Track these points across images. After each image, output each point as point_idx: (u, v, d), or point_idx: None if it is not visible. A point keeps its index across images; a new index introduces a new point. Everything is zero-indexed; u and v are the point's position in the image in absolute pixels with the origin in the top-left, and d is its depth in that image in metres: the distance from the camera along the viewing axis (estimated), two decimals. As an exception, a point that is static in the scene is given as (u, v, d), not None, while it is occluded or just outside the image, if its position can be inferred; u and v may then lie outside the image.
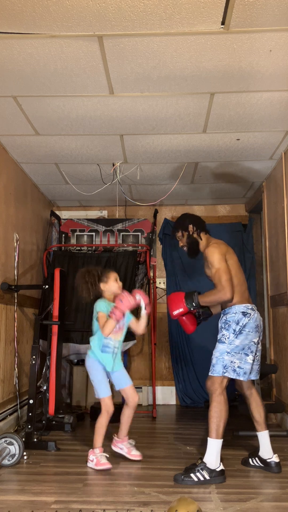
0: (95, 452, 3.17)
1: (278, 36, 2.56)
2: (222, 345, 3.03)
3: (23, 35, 2.54)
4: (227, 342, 3.02)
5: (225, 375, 2.98)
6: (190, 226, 3.27)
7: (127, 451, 3.36)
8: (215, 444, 2.92)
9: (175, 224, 3.36)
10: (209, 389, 3.01)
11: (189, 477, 2.84)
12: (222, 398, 2.97)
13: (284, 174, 4.17)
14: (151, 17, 2.39)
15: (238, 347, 3.01)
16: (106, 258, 5.17)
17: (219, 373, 2.98)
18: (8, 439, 3.19)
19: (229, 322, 3.05)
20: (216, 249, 3.10)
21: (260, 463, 3.13)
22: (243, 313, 3.04)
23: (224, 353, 3.00)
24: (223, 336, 3.05)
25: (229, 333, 3.03)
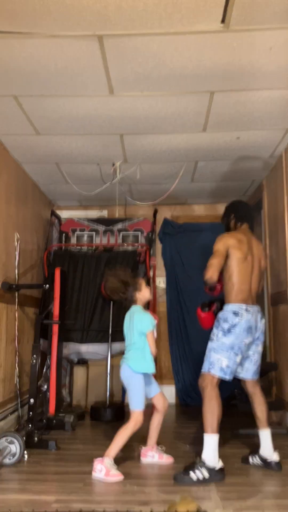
0: (105, 461, 2.94)
1: (278, 34, 2.56)
2: (210, 343, 3.08)
3: (24, 35, 2.54)
4: (214, 340, 3.06)
5: (211, 372, 2.99)
6: (232, 215, 3.42)
7: (159, 457, 3.27)
8: (211, 439, 2.91)
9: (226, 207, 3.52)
10: (200, 385, 3.05)
11: (188, 476, 2.84)
12: (213, 393, 2.98)
13: (284, 172, 4.17)
14: (151, 17, 2.39)
15: (226, 345, 3.00)
16: (106, 258, 5.18)
17: (205, 370, 3.04)
18: (9, 438, 3.19)
19: (219, 320, 3.10)
20: (220, 239, 3.19)
21: (260, 461, 3.13)
22: (234, 313, 3.04)
23: (211, 350, 3.04)
24: (212, 334, 3.10)
25: (218, 330, 3.06)
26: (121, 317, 4.47)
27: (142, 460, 3.27)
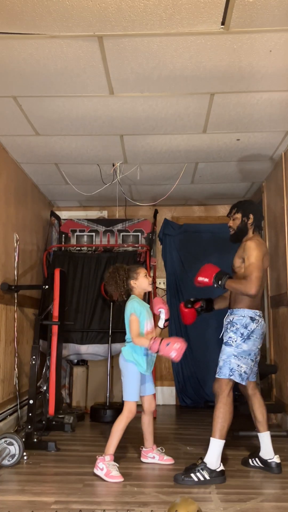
0: (105, 460, 2.97)
1: (278, 36, 2.56)
2: (229, 348, 3.01)
3: (23, 35, 2.54)
4: (234, 345, 3.00)
5: (231, 378, 2.97)
6: (251, 216, 3.19)
7: (159, 458, 3.27)
8: (218, 445, 2.91)
9: (240, 204, 3.27)
10: (216, 391, 3.01)
11: (189, 477, 2.84)
12: (229, 400, 2.96)
13: (284, 175, 4.17)
14: (151, 17, 2.39)
15: (245, 351, 3.00)
16: (106, 259, 5.18)
17: (225, 376, 2.98)
18: (8, 439, 3.19)
19: (236, 325, 3.03)
20: (258, 245, 3.04)
21: (261, 463, 3.12)
22: (251, 318, 3.03)
23: (231, 356, 2.99)
24: (230, 339, 3.03)
25: (237, 336, 3.01)
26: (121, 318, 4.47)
27: (142, 461, 3.28)
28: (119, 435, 3.07)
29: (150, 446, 3.32)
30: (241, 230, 3.21)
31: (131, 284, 3.23)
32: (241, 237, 3.22)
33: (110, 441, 3.06)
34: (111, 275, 3.25)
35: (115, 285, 3.21)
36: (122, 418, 3.09)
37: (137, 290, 3.25)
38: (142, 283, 3.24)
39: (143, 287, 3.26)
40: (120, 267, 3.28)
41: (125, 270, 3.25)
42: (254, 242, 3.06)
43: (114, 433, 3.07)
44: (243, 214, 3.20)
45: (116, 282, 3.21)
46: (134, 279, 3.23)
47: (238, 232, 3.22)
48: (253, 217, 3.19)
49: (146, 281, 3.25)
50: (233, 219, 3.26)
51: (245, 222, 3.20)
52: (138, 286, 3.24)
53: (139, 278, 3.23)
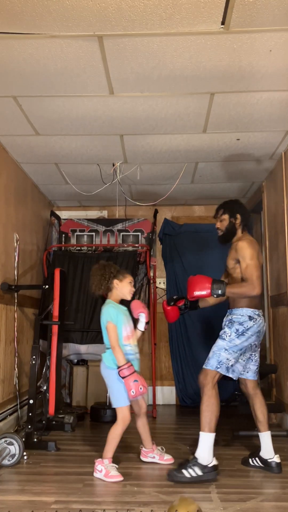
0: (104, 462, 2.98)
1: (278, 36, 2.56)
2: (222, 342, 3.03)
3: (23, 35, 2.54)
4: (227, 339, 3.02)
5: (218, 370, 2.98)
6: (238, 216, 3.19)
7: (159, 457, 3.27)
8: (208, 438, 2.90)
9: (226, 204, 3.26)
10: (201, 382, 3.01)
11: (181, 473, 2.84)
12: (213, 392, 2.96)
13: (284, 174, 4.17)
14: (151, 17, 2.39)
15: (237, 346, 3.01)
16: (106, 258, 5.17)
17: (212, 367, 2.99)
18: (8, 439, 3.19)
19: (234, 322, 3.06)
20: (251, 244, 3.05)
21: (261, 463, 3.12)
22: (250, 317, 3.04)
23: (222, 349, 3.01)
24: (224, 333, 3.06)
25: (231, 331, 3.03)
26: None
27: (142, 460, 3.28)
28: (116, 441, 3.07)
29: (150, 447, 3.31)
30: (230, 231, 3.20)
31: (114, 284, 3.21)
32: (230, 238, 3.22)
33: (108, 447, 3.05)
34: (100, 266, 3.24)
35: (100, 277, 3.19)
36: (117, 426, 3.08)
37: (115, 292, 3.22)
38: (124, 287, 3.22)
39: (124, 292, 3.23)
40: (112, 265, 3.29)
41: (115, 268, 3.25)
42: (246, 242, 3.06)
43: (110, 440, 3.06)
44: (230, 214, 3.20)
45: (102, 275, 3.19)
46: (119, 280, 3.22)
47: (226, 233, 3.21)
48: (240, 217, 3.19)
49: (128, 287, 3.23)
50: (220, 220, 3.24)
51: (232, 222, 3.19)
52: (120, 288, 3.22)
53: (124, 281, 3.22)
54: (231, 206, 3.25)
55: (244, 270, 3.01)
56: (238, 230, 3.21)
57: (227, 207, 3.25)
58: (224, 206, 3.27)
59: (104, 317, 3.14)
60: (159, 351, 5.66)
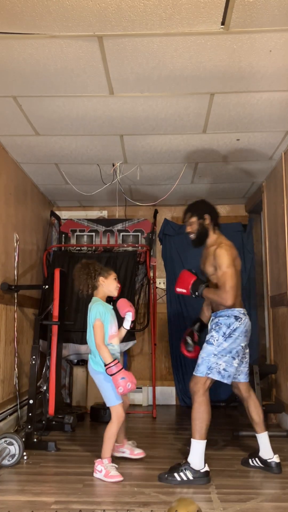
0: (104, 462, 3.00)
1: (278, 36, 2.56)
2: (210, 347, 3.00)
3: (23, 35, 2.54)
4: (215, 344, 2.99)
5: (209, 376, 2.96)
6: (207, 216, 3.15)
7: (130, 452, 3.31)
8: (199, 446, 2.90)
9: (192, 206, 3.22)
10: (192, 389, 2.99)
11: (172, 477, 2.84)
12: (204, 399, 2.94)
13: (284, 174, 4.17)
14: (151, 17, 2.39)
15: (225, 349, 2.99)
16: (106, 258, 5.17)
17: (202, 374, 2.97)
18: (8, 439, 3.19)
19: (220, 325, 3.03)
20: (227, 252, 3.00)
21: (260, 463, 3.12)
22: (236, 317, 3.03)
23: (211, 354, 2.98)
24: (212, 338, 3.03)
25: (219, 335, 3.00)
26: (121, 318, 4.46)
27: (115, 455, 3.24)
28: (112, 440, 3.08)
29: (121, 442, 3.32)
30: (201, 233, 3.16)
31: (100, 281, 3.21)
32: (204, 240, 3.17)
33: (105, 446, 3.07)
34: (84, 266, 3.24)
35: (86, 276, 3.19)
36: (112, 425, 3.10)
37: (102, 289, 3.23)
38: (110, 284, 3.24)
39: (110, 289, 3.25)
40: (95, 262, 3.29)
41: (99, 266, 3.27)
42: (223, 249, 3.01)
43: (107, 439, 3.08)
44: (198, 216, 3.16)
45: (87, 273, 3.19)
46: (104, 277, 3.23)
47: (199, 236, 3.17)
48: (209, 217, 3.15)
49: (114, 283, 3.25)
50: (190, 224, 3.19)
51: (202, 224, 3.15)
52: (106, 285, 3.23)
53: (109, 278, 3.24)
54: (197, 208, 3.19)
55: (219, 278, 2.98)
56: (210, 230, 3.16)
57: (193, 209, 3.19)
58: (190, 209, 3.21)
59: (93, 315, 3.14)
60: (159, 351, 5.66)
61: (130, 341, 4.92)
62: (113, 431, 3.08)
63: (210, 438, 3.75)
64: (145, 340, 5.63)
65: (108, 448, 3.06)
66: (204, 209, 3.18)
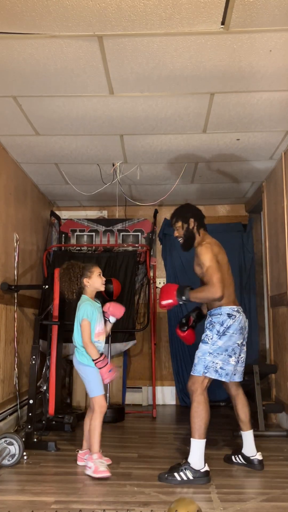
0: (94, 458, 3.01)
1: (278, 36, 2.56)
2: (205, 345, 3.01)
3: (23, 35, 2.54)
4: (210, 343, 3.00)
5: (206, 375, 2.96)
6: (191, 220, 3.19)
7: None
8: (198, 445, 2.90)
9: (176, 212, 3.26)
10: (190, 388, 3.00)
11: (172, 476, 2.85)
12: (202, 398, 2.94)
13: (284, 174, 4.17)
14: (151, 17, 2.39)
15: (221, 348, 2.99)
16: (106, 258, 5.18)
17: (199, 373, 2.97)
18: (8, 439, 3.19)
19: (214, 323, 3.03)
20: (207, 249, 3.04)
21: (243, 460, 3.14)
22: (229, 315, 3.03)
23: (207, 353, 2.98)
24: (206, 337, 3.03)
25: (213, 333, 3.01)
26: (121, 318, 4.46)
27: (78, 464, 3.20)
28: (98, 431, 3.09)
29: (86, 448, 3.25)
30: (188, 237, 3.19)
31: (84, 282, 3.21)
32: (191, 243, 3.21)
33: (92, 440, 3.08)
34: (65, 271, 3.22)
35: (68, 282, 3.19)
36: (96, 415, 3.11)
37: (89, 289, 3.23)
38: (95, 282, 3.22)
39: (96, 286, 3.24)
40: (75, 264, 3.26)
41: (80, 267, 3.23)
42: (204, 247, 3.05)
43: (93, 431, 3.09)
44: (183, 220, 3.20)
45: (70, 279, 3.19)
46: (87, 277, 3.21)
47: (186, 240, 3.21)
48: (193, 220, 3.19)
49: (99, 280, 3.24)
50: (176, 229, 3.24)
51: (187, 228, 3.19)
52: (91, 284, 3.22)
53: (92, 276, 3.22)
54: (182, 212, 3.24)
55: (205, 275, 3.01)
56: (196, 233, 3.20)
57: (178, 214, 3.24)
58: (175, 214, 3.26)
59: (81, 314, 3.15)
60: (159, 351, 5.66)
61: (130, 341, 4.92)
62: (97, 422, 3.09)
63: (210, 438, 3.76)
64: (145, 340, 5.63)
65: (97, 441, 3.07)
66: (189, 213, 3.22)
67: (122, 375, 5.07)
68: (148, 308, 5.18)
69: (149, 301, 5.22)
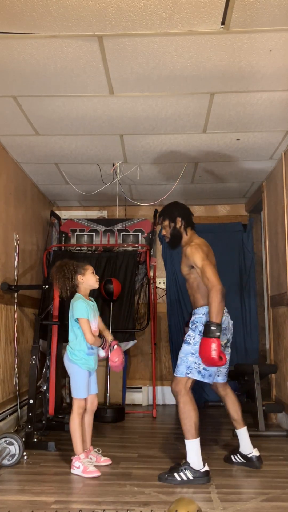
0: (80, 457, 3.03)
1: (278, 36, 2.56)
2: (187, 346, 2.96)
3: (23, 35, 2.54)
4: (192, 343, 2.94)
5: (189, 376, 2.93)
6: (179, 219, 3.16)
7: (96, 459, 3.20)
8: (193, 445, 2.90)
9: (163, 211, 3.24)
10: (174, 390, 2.97)
11: (172, 477, 2.85)
12: (187, 398, 2.92)
13: (284, 174, 4.17)
14: (151, 17, 2.39)
15: None
16: (106, 258, 5.18)
17: (182, 374, 2.94)
18: (8, 439, 3.19)
19: (196, 323, 2.97)
20: (197, 249, 3.01)
21: (242, 459, 3.15)
22: None
23: (189, 354, 2.93)
24: (188, 337, 2.98)
25: (195, 334, 2.95)
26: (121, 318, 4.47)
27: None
28: (78, 432, 3.10)
29: (87, 448, 3.24)
30: (175, 235, 3.18)
31: (78, 280, 3.21)
32: (178, 242, 3.20)
33: (74, 440, 3.09)
34: (59, 269, 3.21)
35: (62, 279, 3.18)
36: (74, 416, 3.12)
37: (83, 286, 3.23)
38: (89, 279, 3.22)
39: (90, 284, 3.23)
40: (69, 261, 3.26)
41: (73, 265, 3.23)
42: (193, 247, 3.02)
43: (73, 432, 3.11)
44: (170, 219, 3.18)
45: (64, 276, 3.17)
46: (81, 275, 3.21)
47: (173, 239, 3.19)
48: (180, 219, 3.16)
49: (93, 278, 3.23)
50: (164, 227, 3.22)
51: (174, 226, 3.17)
52: (85, 282, 3.22)
53: (86, 274, 3.21)
54: (169, 211, 3.21)
55: (201, 273, 2.97)
56: (183, 232, 3.17)
57: (165, 212, 3.21)
58: (162, 213, 3.24)
59: (76, 313, 3.14)
60: (159, 351, 5.66)
61: (130, 341, 4.92)
62: (76, 423, 3.10)
63: (210, 438, 3.77)
64: (145, 340, 5.63)
65: (78, 442, 3.08)
66: (176, 212, 3.19)
67: (122, 375, 5.06)
68: (148, 308, 5.18)
69: (149, 301, 5.22)
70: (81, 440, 3.10)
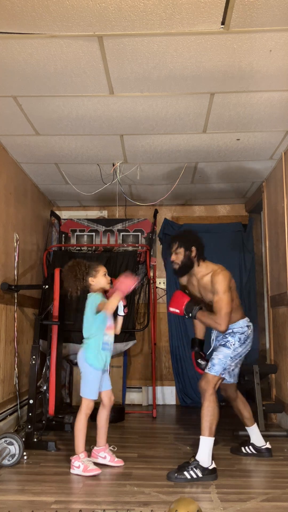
0: (80, 457, 3.04)
1: (278, 36, 2.56)
2: (227, 350, 3.13)
3: (23, 35, 2.54)
4: (232, 348, 3.13)
5: (223, 376, 3.11)
6: (193, 249, 3.20)
7: (111, 458, 3.20)
8: (208, 442, 2.96)
9: (179, 237, 3.29)
10: (203, 387, 3.06)
11: (182, 475, 2.88)
12: (214, 397, 3.04)
13: (284, 174, 4.17)
14: (151, 17, 2.39)
15: (239, 354, 3.16)
16: (106, 258, 5.17)
17: (217, 373, 3.07)
18: (8, 439, 3.19)
19: (235, 332, 3.18)
20: (225, 278, 3.06)
21: (254, 450, 3.32)
22: (248, 326, 3.22)
23: (228, 357, 3.12)
24: (228, 342, 3.15)
25: (235, 340, 3.15)
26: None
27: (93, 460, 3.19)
28: (83, 432, 3.10)
29: (102, 445, 3.25)
30: (185, 264, 3.21)
31: (89, 281, 3.20)
32: (186, 271, 3.24)
33: (77, 440, 3.09)
34: (71, 268, 3.20)
35: (74, 279, 3.16)
36: (81, 416, 3.11)
37: (95, 287, 3.22)
38: (100, 281, 3.21)
39: (102, 285, 3.22)
40: (81, 262, 3.24)
41: (86, 265, 3.22)
42: (222, 275, 3.07)
43: (78, 432, 3.10)
44: (186, 248, 3.20)
45: (75, 275, 3.16)
46: (92, 277, 3.20)
47: (182, 267, 3.22)
48: (195, 250, 3.20)
49: (104, 279, 3.22)
50: (176, 253, 3.25)
51: (188, 255, 3.20)
52: (96, 283, 3.21)
53: (97, 276, 3.21)
54: (186, 239, 3.24)
55: (215, 303, 3.06)
56: (195, 262, 3.21)
57: (182, 240, 3.24)
58: (179, 240, 3.26)
59: (91, 303, 3.13)
60: (159, 351, 5.66)
61: (130, 341, 4.92)
62: (82, 425, 3.09)
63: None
64: (145, 340, 5.63)
65: (80, 443, 3.08)
66: (192, 241, 3.23)
67: (122, 375, 5.07)
68: (148, 308, 5.18)
69: (149, 301, 5.22)
70: (84, 440, 3.10)
